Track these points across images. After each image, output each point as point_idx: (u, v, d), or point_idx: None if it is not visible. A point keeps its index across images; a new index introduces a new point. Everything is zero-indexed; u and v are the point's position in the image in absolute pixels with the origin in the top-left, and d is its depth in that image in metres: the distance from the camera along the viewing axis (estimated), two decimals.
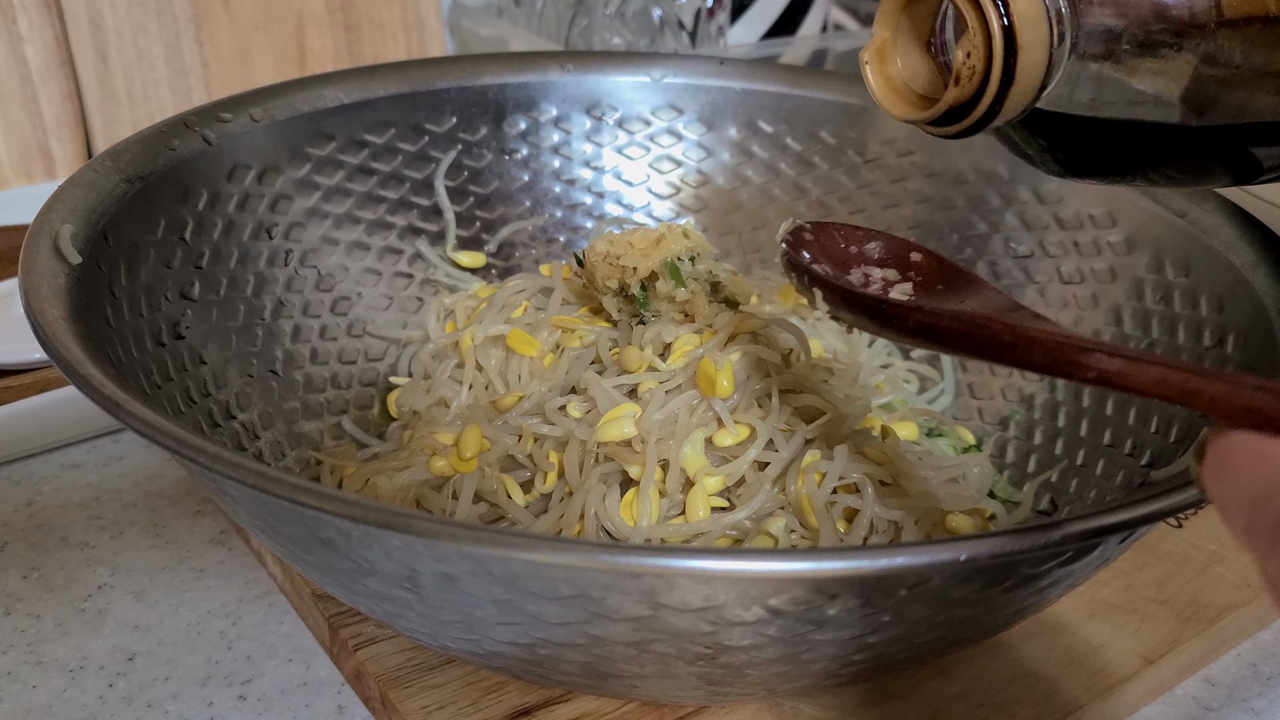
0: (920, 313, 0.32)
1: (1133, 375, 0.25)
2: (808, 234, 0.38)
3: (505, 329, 0.47)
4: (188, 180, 0.45)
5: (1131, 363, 0.25)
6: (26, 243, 0.37)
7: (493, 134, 0.55)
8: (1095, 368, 0.26)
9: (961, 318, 0.30)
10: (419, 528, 0.27)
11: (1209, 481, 0.23)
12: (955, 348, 0.31)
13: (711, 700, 0.38)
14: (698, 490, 0.40)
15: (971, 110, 0.29)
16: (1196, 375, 0.24)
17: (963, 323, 0.30)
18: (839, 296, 0.35)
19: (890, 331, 0.33)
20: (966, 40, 0.28)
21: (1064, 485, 0.44)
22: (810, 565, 0.27)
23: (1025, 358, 0.28)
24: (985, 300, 0.34)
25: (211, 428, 0.41)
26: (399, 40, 0.82)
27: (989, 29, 0.28)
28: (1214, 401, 0.23)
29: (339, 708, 0.41)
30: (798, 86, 0.57)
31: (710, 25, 0.79)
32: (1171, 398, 0.24)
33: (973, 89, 0.29)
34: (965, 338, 0.30)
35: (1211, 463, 0.23)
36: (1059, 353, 0.27)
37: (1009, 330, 0.29)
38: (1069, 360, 0.26)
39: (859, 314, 0.34)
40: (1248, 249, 0.43)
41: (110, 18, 0.72)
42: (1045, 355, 0.27)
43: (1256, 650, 0.45)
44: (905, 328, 0.32)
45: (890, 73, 0.32)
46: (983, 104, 0.29)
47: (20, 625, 0.44)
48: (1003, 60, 0.28)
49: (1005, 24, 0.27)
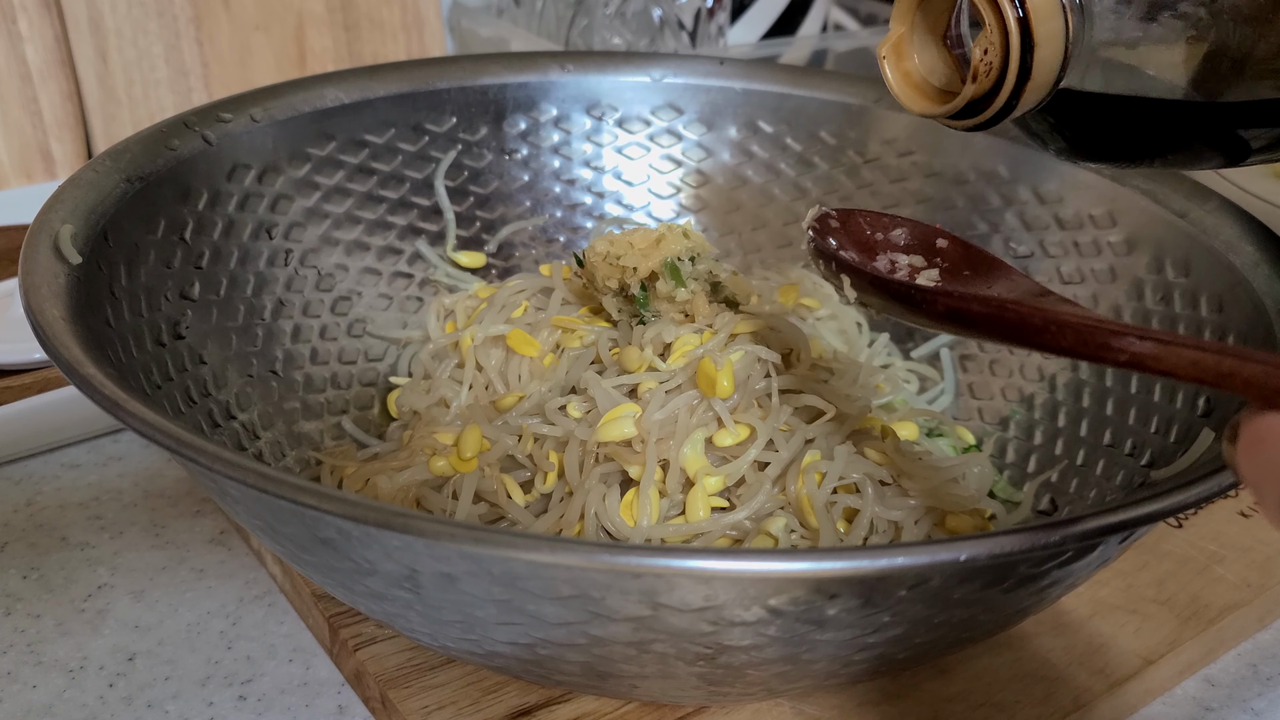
0: (949, 297, 0.31)
1: (1166, 358, 0.25)
2: (833, 221, 0.38)
3: (505, 329, 0.47)
4: (188, 180, 0.45)
5: (1164, 345, 0.25)
6: (26, 243, 0.37)
7: (493, 134, 0.55)
8: (1128, 350, 0.25)
9: (991, 302, 0.30)
10: (419, 528, 0.27)
11: (1243, 460, 0.23)
12: (985, 332, 0.30)
13: (711, 700, 0.38)
14: (698, 490, 0.40)
15: (990, 104, 0.29)
16: (1231, 357, 0.23)
17: (992, 307, 0.30)
18: (867, 282, 0.35)
19: (919, 316, 0.33)
20: (983, 37, 0.28)
21: (1064, 485, 0.44)
22: (810, 565, 0.27)
23: (1056, 342, 0.28)
24: (1013, 285, 0.33)
25: (211, 428, 0.41)
26: (399, 40, 0.82)
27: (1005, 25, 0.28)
28: (1249, 382, 0.23)
29: (339, 708, 0.41)
30: (798, 86, 0.57)
31: (710, 25, 0.79)
32: (1205, 379, 0.24)
33: (990, 83, 0.29)
34: (995, 322, 0.30)
35: (1246, 442, 0.23)
36: (1090, 336, 0.26)
37: (1039, 314, 0.28)
38: (1100, 343, 0.26)
39: (887, 299, 0.34)
40: (1248, 249, 0.43)
41: (110, 18, 0.72)
42: (1077, 339, 0.27)
43: (1256, 650, 0.45)
44: (935, 312, 0.32)
45: (907, 68, 0.32)
46: (1000, 98, 0.29)
47: (20, 625, 0.44)
48: (1020, 56, 0.28)
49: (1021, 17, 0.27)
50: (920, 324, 0.33)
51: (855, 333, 0.53)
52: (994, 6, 0.28)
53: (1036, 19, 0.28)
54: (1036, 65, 0.28)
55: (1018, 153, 0.52)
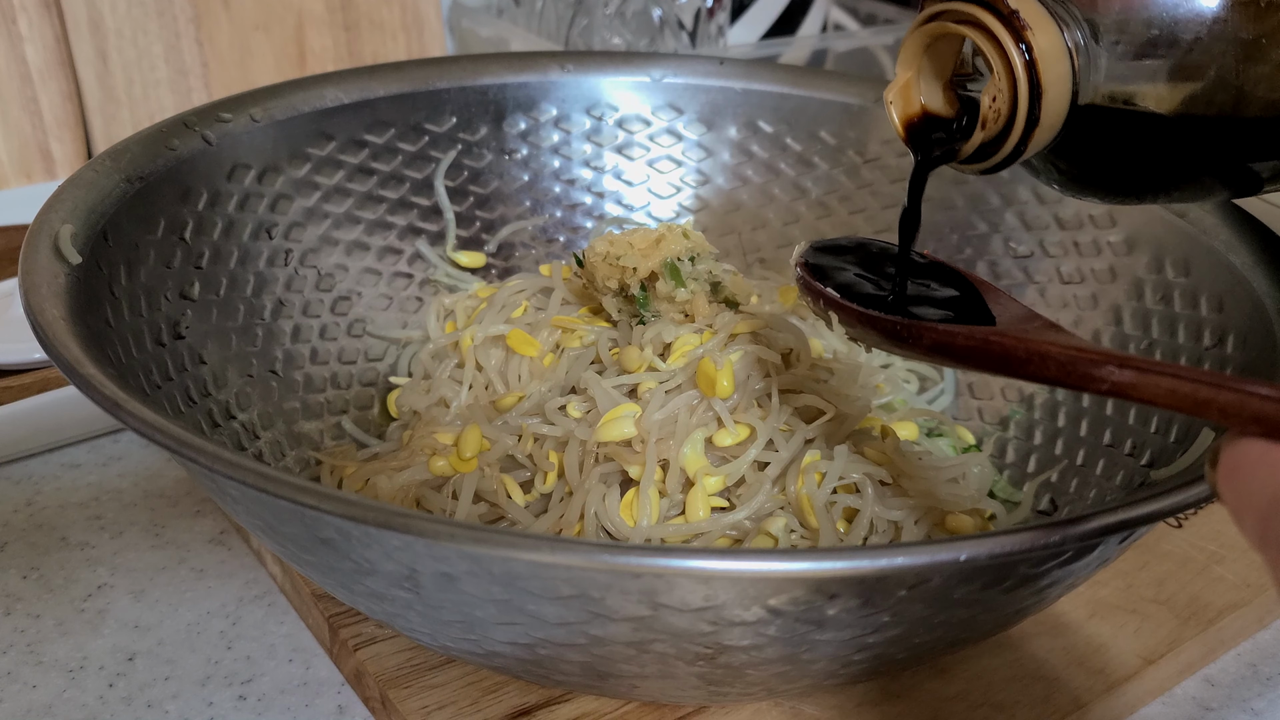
0: (935, 332, 0.32)
1: (1144, 387, 0.25)
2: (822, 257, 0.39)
3: (505, 329, 0.47)
4: (188, 180, 0.45)
5: (1143, 374, 0.25)
6: (26, 243, 0.37)
7: (493, 134, 0.55)
8: (1108, 380, 0.26)
9: (975, 335, 0.31)
10: (419, 528, 0.27)
11: (1223, 489, 0.23)
12: (971, 364, 0.31)
13: (711, 700, 0.38)
14: (698, 490, 0.40)
15: (999, 149, 0.29)
16: (1206, 385, 0.24)
17: (977, 340, 0.31)
18: (854, 318, 0.36)
19: (907, 350, 0.34)
20: (991, 85, 0.28)
21: (1064, 485, 0.44)
22: (810, 565, 0.27)
23: (1040, 372, 0.29)
24: (1001, 310, 0.34)
25: (211, 428, 0.41)
26: (399, 40, 0.82)
27: (1013, 72, 0.28)
28: (1224, 411, 0.23)
29: (339, 708, 0.41)
30: (798, 86, 0.57)
31: (710, 25, 0.79)
32: (1183, 408, 0.24)
33: (998, 129, 0.29)
34: (981, 354, 0.31)
35: (1225, 470, 0.23)
36: (1072, 367, 0.27)
37: (1022, 346, 0.29)
38: (1082, 374, 0.27)
39: (876, 334, 0.35)
40: (1248, 249, 0.43)
41: (110, 18, 0.72)
42: (1059, 369, 0.28)
43: (1256, 650, 0.45)
44: (921, 346, 0.33)
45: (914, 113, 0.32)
46: (1010, 143, 0.29)
47: (20, 625, 0.44)
48: (1028, 102, 0.28)
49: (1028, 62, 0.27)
50: (909, 357, 0.33)
51: None
52: (1001, 53, 0.28)
53: (1043, 64, 0.28)
54: (1045, 109, 0.28)
55: None
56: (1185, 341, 0.43)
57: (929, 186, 0.36)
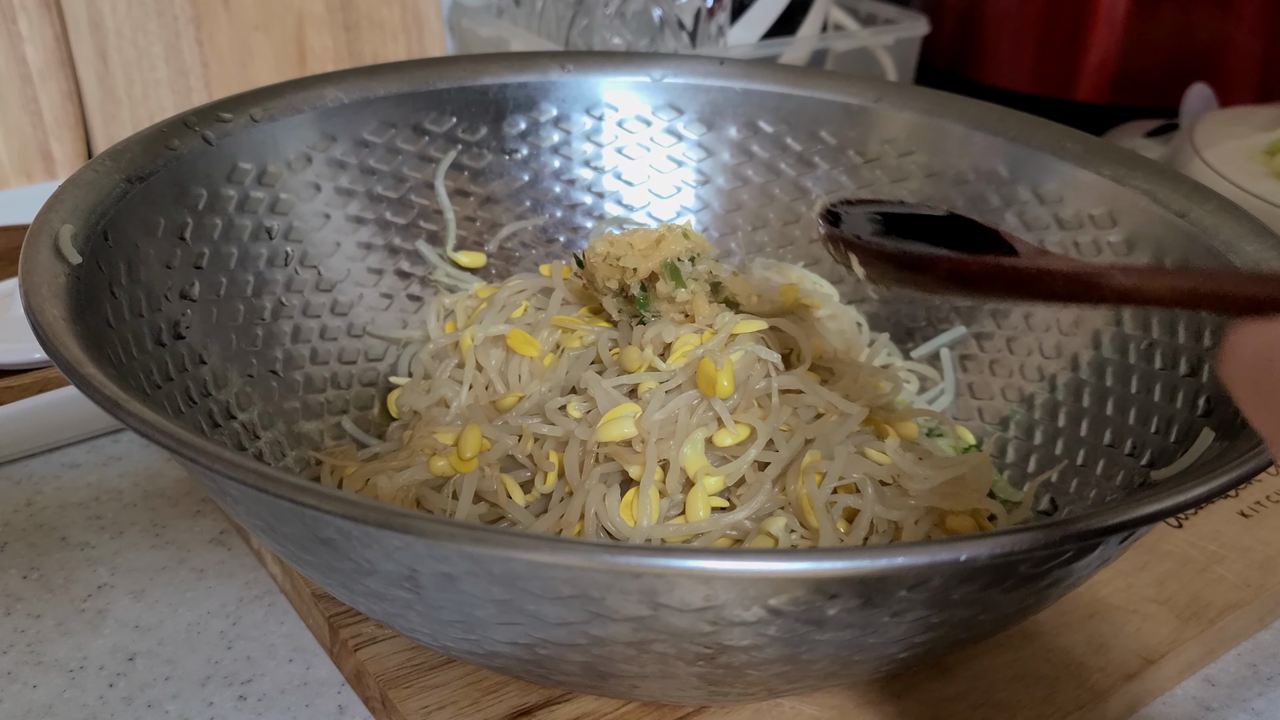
0: (948, 260, 0.34)
1: (1147, 289, 0.27)
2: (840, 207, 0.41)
3: (505, 329, 0.47)
4: (188, 180, 0.45)
5: (1145, 276, 0.27)
6: (26, 243, 0.37)
7: (493, 134, 0.55)
8: (1113, 284, 0.28)
9: (987, 260, 0.33)
10: (419, 528, 0.27)
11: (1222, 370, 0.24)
12: (985, 290, 0.33)
13: (712, 700, 0.38)
14: (698, 490, 0.40)
15: None
16: (1204, 278, 0.26)
17: (989, 265, 0.33)
18: (872, 255, 0.37)
19: (924, 279, 0.35)
20: None
21: (1064, 485, 0.44)
22: (810, 565, 0.27)
23: (1050, 288, 0.30)
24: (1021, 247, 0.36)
25: (211, 428, 0.41)
26: (399, 40, 0.82)
27: None
28: (1222, 298, 0.25)
29: (339, 708, 0.41)
30: (798, 86, 0.57)
31: (710, 25, 0.79)
32: (1184, 303, 0.26)
33: None
34: (994, 277, 0.32)
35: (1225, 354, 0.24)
36: (1077, 279, 0.29)
37: (1031, 265, 0.31)
38: (1089, 284, 0.29)
39: (894, 268, 0.37)
40: (1248, 249, 0.43)
41: (110, 18, 0.72)
42: (1067, 283, 0.29)
43: (1256, 650, 0.45)
44: (937, 275, 0.34)
45: None
46: None
47: (20, 625, 0.44)
48: None
49: None
50: (928, 290, 0.36)
51: (855, 333, 0.53)
52: None
53: None
54: None
55: (1018, 153, 0.52)
56: (1185, 341, 0.43)
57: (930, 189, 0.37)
